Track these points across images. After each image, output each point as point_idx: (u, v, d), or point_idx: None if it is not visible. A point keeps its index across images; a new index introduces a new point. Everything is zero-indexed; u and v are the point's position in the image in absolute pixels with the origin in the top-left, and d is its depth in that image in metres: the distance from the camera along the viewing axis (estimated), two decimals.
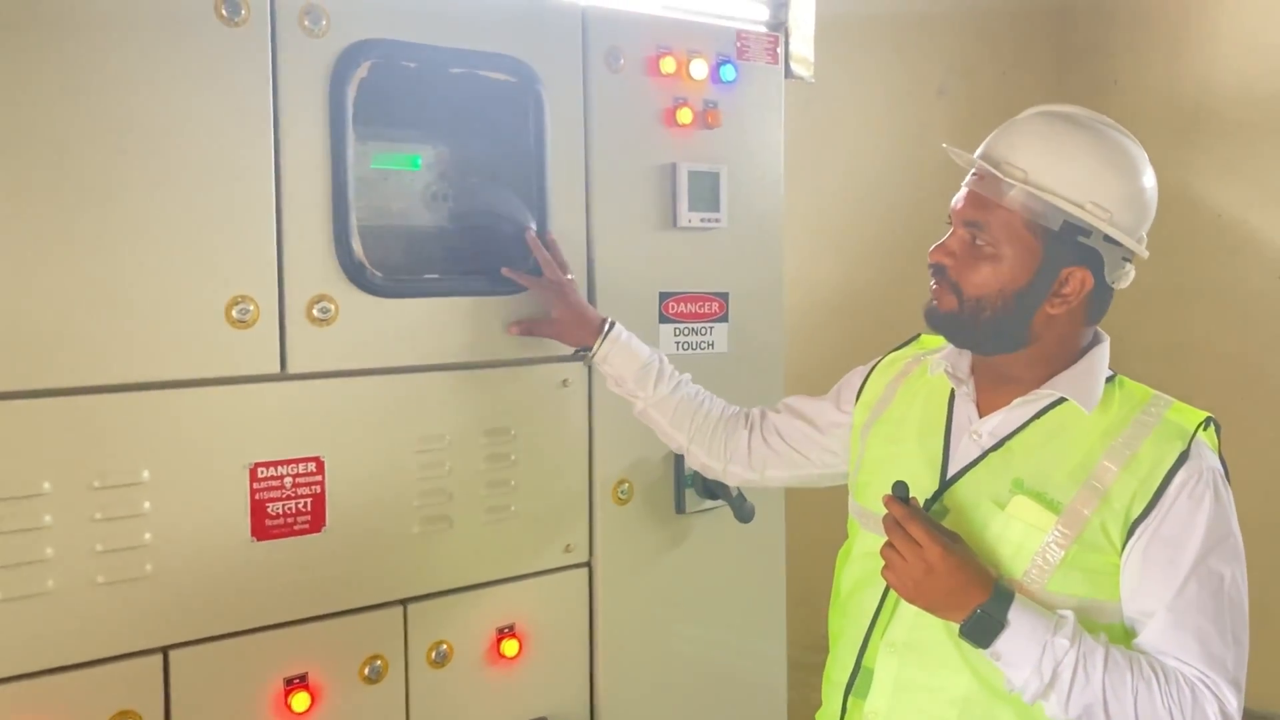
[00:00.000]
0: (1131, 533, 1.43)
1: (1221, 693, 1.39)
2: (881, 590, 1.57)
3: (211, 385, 1.78)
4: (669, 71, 2.21)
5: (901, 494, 1.50)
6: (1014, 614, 1.40)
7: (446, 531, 2.02)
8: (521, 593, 2.11)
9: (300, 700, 1.85)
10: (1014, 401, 1.55)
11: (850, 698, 1.60)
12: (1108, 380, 1.55)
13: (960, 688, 1.49)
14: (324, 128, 1.85)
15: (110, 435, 1.69)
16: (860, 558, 1.67)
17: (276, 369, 1.83)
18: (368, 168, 2.05)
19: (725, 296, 2.35)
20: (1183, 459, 1.44)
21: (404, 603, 1.98)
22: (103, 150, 1.66)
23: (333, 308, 1.87)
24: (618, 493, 2.22)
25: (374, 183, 2.07)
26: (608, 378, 2.00)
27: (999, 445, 1.54)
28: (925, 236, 3.90)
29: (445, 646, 2.01)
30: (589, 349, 1.99)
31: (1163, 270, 4.04)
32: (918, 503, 1.51)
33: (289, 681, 1.85)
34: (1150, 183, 1.54)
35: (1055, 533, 1.45)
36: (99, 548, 1.68)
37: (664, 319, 2.27)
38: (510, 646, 2.08)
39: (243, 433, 1.80)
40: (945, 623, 1.48)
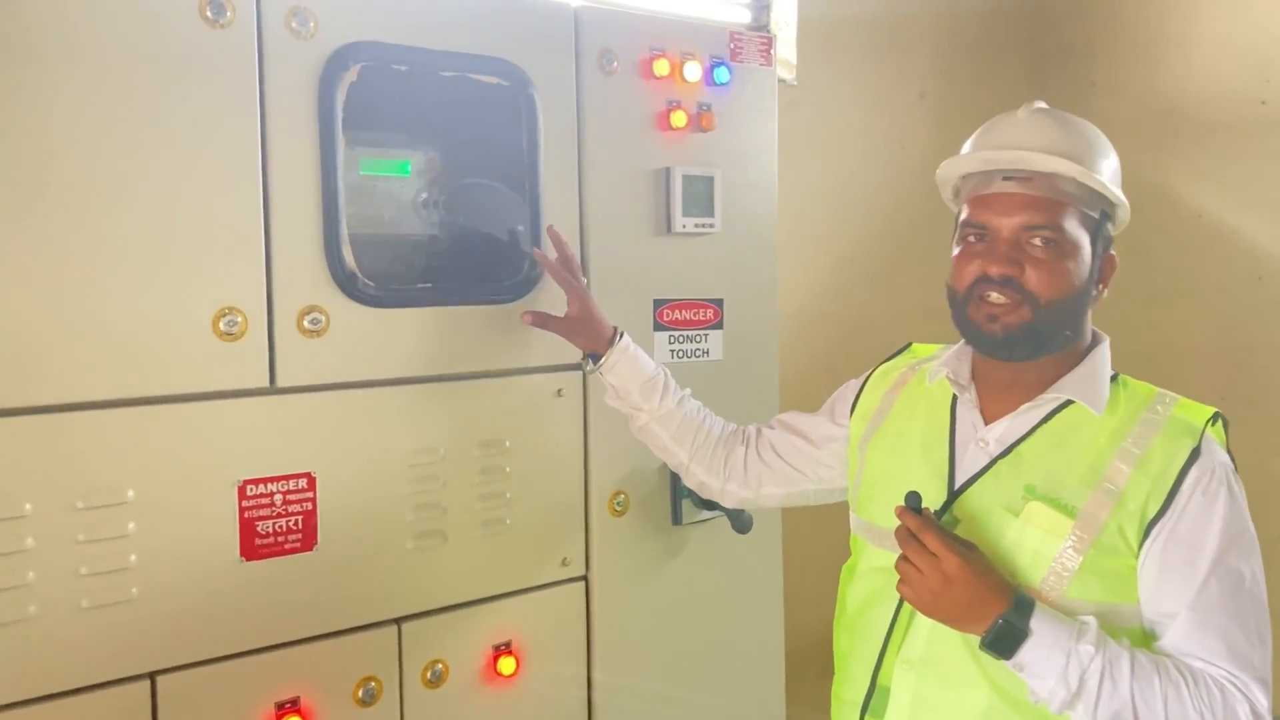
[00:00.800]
0: (1148, 534, 1.41)
1: (1251, 692, 1.36)
2: (894, 606, 1.54)
3: (198, 400, 1.71)
4: (662, 74, 2.17)
5: (914, 505, 1.46)
6: (1036, 622, 1.37)
7: (441, 547, 1.96)
8: (517, 608, 2.06)
9: None
10: (1021, 407, 1.53)
11: (866, 717, 1.56)
12: (1111, 380, 1.54)
13: (980, 702, 1.46)
14: (313, 133, 1.79)
15: (93, 454, 1.63)
16: (867, 574, 1.63)
17: (266, 382, 1.77)
18: (357, 174, 1.99)
19: (720, 303, 2.31)
20: (1194, 456, 1.42)
21: (398, 622, 1.92)
22: (83, 158, 1.60)
23: (324, 318, 1.81)
24: (614, 504, 2.17)
25: (364, 189, 2.02)
26: (610, 389, 1.93)
27: (1008, 452, 1.51)
28: (908, 239, 3.88)
29: (440, 666, 1.96)
30: (596, 356, 1.92)
31: (1141, 273, 4.09)
32: (931, 513, 1.47)
33: (280, 706, 1.79)
34: None
35: (1072, 538, 1.42)
36: (83, 571, 1.62)
37: (658, 326, 2.22)
38: (507, 664, 2.03)
39: (231, 449, 1.74)
40: (963, 636, 1.45)
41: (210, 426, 1.72)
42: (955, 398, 1.61)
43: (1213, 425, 1.46)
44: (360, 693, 1.86)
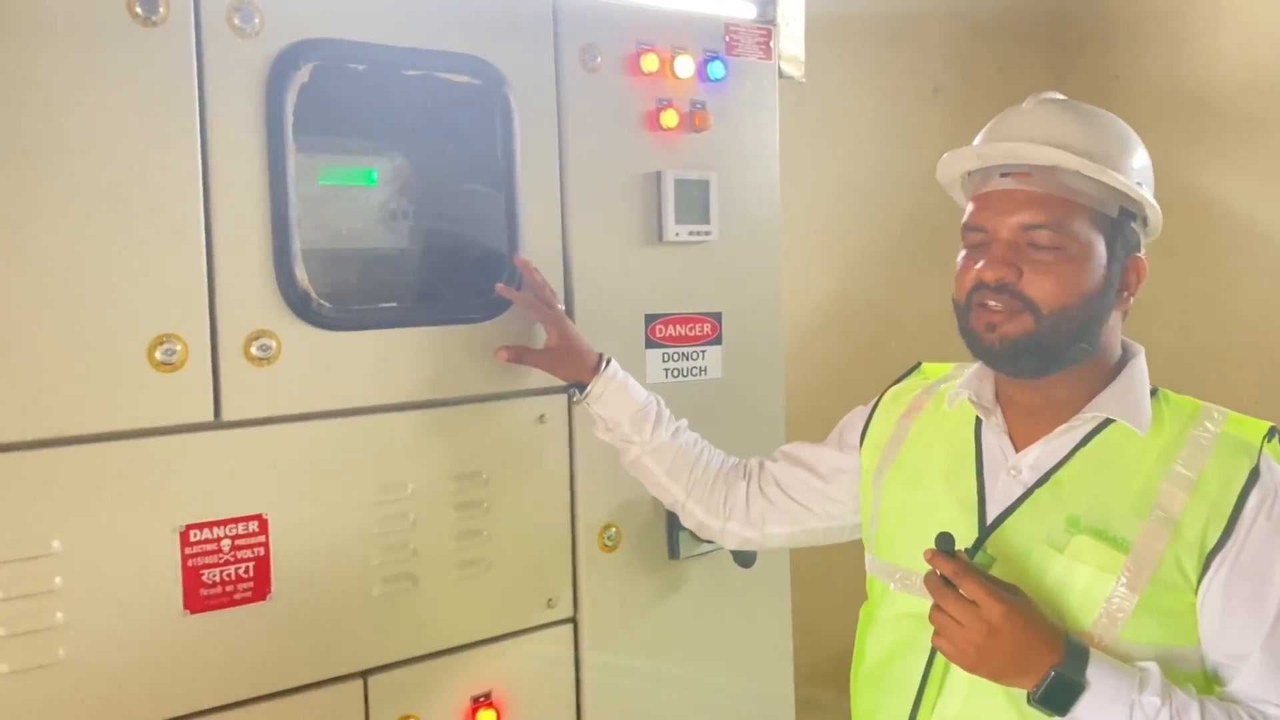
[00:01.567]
0: (1208, 566, 1.27)
1: None
2: (924, 659, 1.39)
3: (133, 438, 1.55)
4: (651, 70, 2.00)
5: (946, 547, 1.30)
6: (1093, 672, 1.23)
7: (411, 592, 1.79)
8: (499, 656, 1.89)
9: None
10: (1056, 429, 1.37)
11: None
12: (1151, 395, 1.39)
13: None
14: (260, 140, 1.62)
15: (13, 500, 1.46)
16: (891, 622, 1.48)
17: (210, 416, 1.60)
18: (315, 184, 1.82)
19: (718, 317, 2.13)
20: (1254, 477, 1.28)
21: (364, 675, 1.75)
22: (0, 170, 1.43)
23: (274, 344, 1.64)
24: (604, 539, 1.99)
25: (323, 201, 1.85)
26: (598, 420, 1.78)
27: (1045, 480, 1.37)
28: (926, 241, 3.69)
29: None
30: (582, 386, 1.77)
31: (1171, 273, 3.90)
32: (965, 556, 1.32)
33: None
34: None
35: (1125, 574, 1.27)
36: (1, 632, 1.45)
37: (651, 343, 2.05)
38: (487, 717, 1.85)
39: (172, 491, 1.57)
40: (1006, 691, 1.30)
41: (147, 467, 1.56)
42: (979, 422, 1.46)
43: (1269, 442, 1.32)
44: None
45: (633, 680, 2.02)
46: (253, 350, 1.63)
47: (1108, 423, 1.37)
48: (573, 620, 1.98)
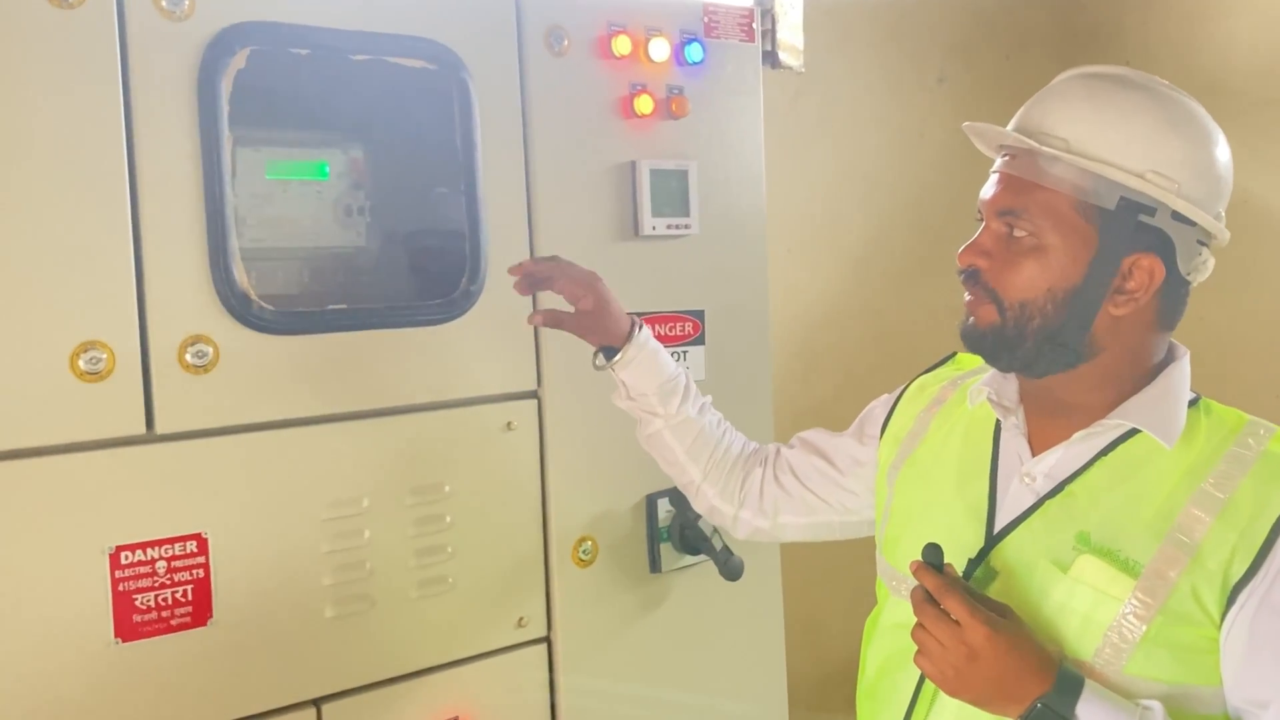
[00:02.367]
0: (1232, 599, 1.13)
1: None
2: (917, 675, 1.28)
3: (56, 454, 1.43)
4: (623, 53, 1.87)
5: (933, 559, 1.19)
6: (1084, 708, 1.11)
7: (368, 613, 1.67)
8: (465, 679, 1.77)
9: None
10: (1074, 435, 1.24)
11: None
12: (1190, 405, 1.25)
13: None
14: (192, 131, 1.51)
15: None
16: (890, 631, 1.37)
17: (141, 429, 1.49)
18: (262, 179, 1.71)
19: (700, 315, 2.01)
20: None
21: (317, 703, 1.63)
22: None
23: (211, 350, 1.53)
24: (579, 553, 1.87)
25: (272, 197, 1.73)
26: (621, 387, 1.63)
27: (1058, 490, 1.24)
28: (929, 234, 3.56)
29: None
30: (613, 350, 1.62)
31: None
32: (954, 570, 1.21)
33: None
34: (1224, 152, 1.26)
35: (1133, 601, 1.15)
36: None
37: None
38: None
39: (100, 510, 1.46)
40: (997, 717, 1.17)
41: (73, 484, 1.44)
42: (1000, 423, 1.34)
43: None
44: None
45: (611, 704, 1.90)
46: (187, 357, 1.51)
47: (1134, 432, 1.23)
48: (546, 640, 1.86)
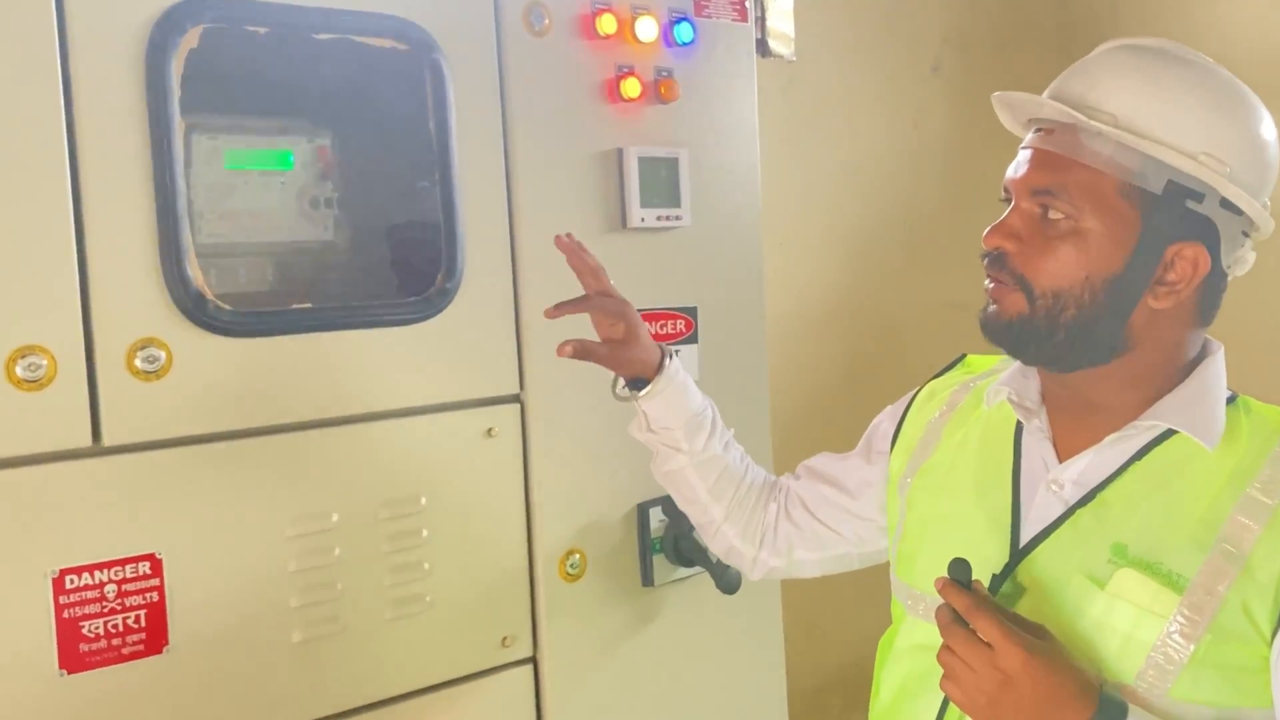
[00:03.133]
0: None
1: None
2: (940, 700, 1.19)
3: None
4: (608, 32, 1.75)
5: (961, 576, 1.10)
6: None
7: (339, 637, 1.56)
8: (446, 705, 1.65)
9: None
10: (1106, 438, 1.15)
11: None
12: (1227, 403, 1.16)
13: None
14: (140, 117, 1.39)
15: None
16: (907, 653, 1.28)
17: (87, 441, 1.37)
18: (221, 170, 1.59)
19: (693, 312, 1.89)
20: None
21: None
22: None
23: (163, 354, 1.41)
24: (566, 567, 1.76)
25: (232, 188, 1.61)
26: (642, 418, 1.50)
27: (1089, 498, 1.15)
28: (926, 226, 3.44)
29: None
30: (639, 382, 1.48)
31: None
32: (983, 587, 1.11)
33: None
34: (1271, 133, 1.15)
35: (1179, 619, 1.06)
36: None
37: None
38: None
39: (42, 530, 1.34)
40: None
41: (11, 502, 1.32)
42: (1020, 426, 1.24)
43: None
44: None
45: None
46: (137, 362, 1.39)
47: (1170, 434, 1.14)
48: (532, 660, 1.74)
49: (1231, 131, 1.11)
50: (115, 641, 1.39)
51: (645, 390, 1.47)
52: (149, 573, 1.41)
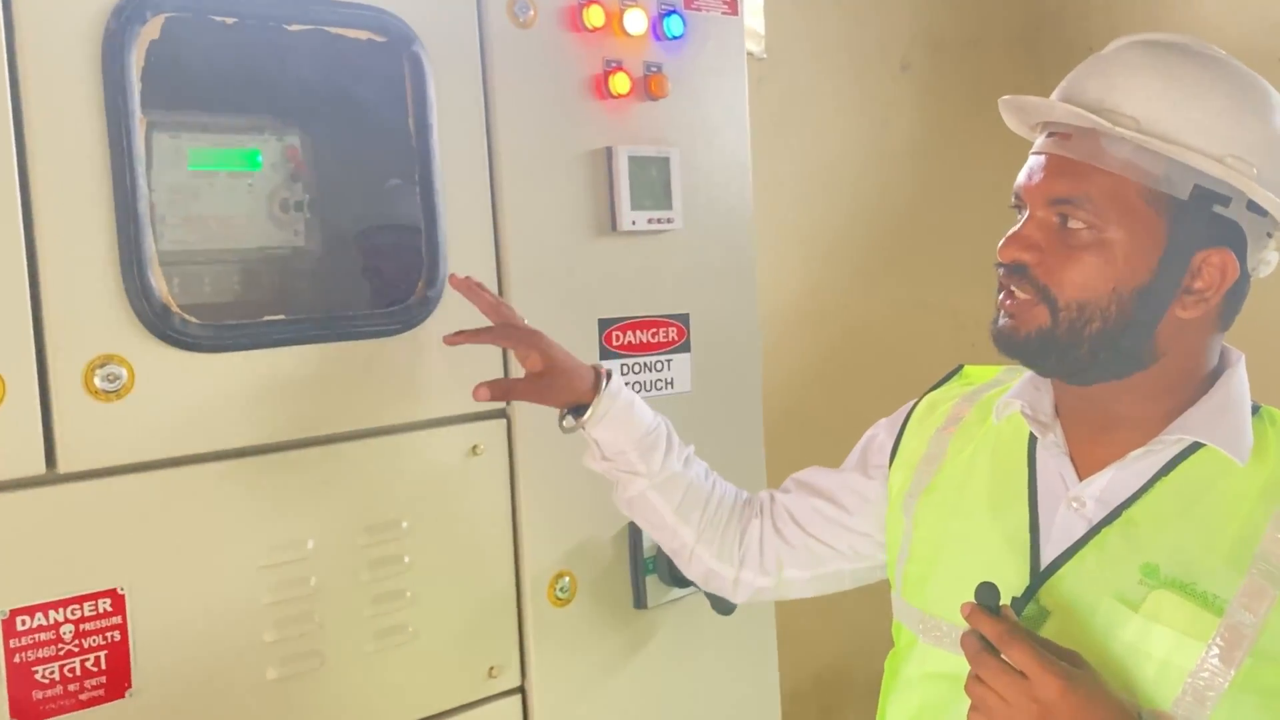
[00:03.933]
0: None
1: None
2: None
3: None
4: (596, 25, 1.66)
5: (989, 601, 1.04)
6: None
7: (318, 672, 1.45)
8: None
9: None
10: (1130, 454, 1.10)
11: None
12: (1252, 415, 1.12)
13: None
14: (96, 114, 1.27)
15: None
16: (919, 682, 1.22)
17: (41, 468, 1.25)
18: (184, 171, 1.47)
19: (685, 319, 1.80)
20: None
21: None
22: None
23: (125, 373, 1.29)
24: (555, 591, 1.66)
25: (196, 192, 1.50)
26: (594, 447, 1.43)
27: (1114, 516, 1.10)
28: (895, 228, 3.38)
29: None
30: (579, 409, 1.41)
31: None
32: (1012, 613, 1.05)
33: None
34: None
35: (1218, 642, 1.02)
36: None
37: (607, 353, 1.72)
38: None
39: None
40: None
41: None
42: (1034, 440, 1.19)
43: None
44: None
45: None
46: (96, 381, 1.27)
47: (1196, 448, 1.09)
48: (520, 691, 1.65)
49: (1257, 131, 1.07)
50: (73, 687, 1.27)
51: (587, 415, 1.40)
52: (110, 610, 1.29)
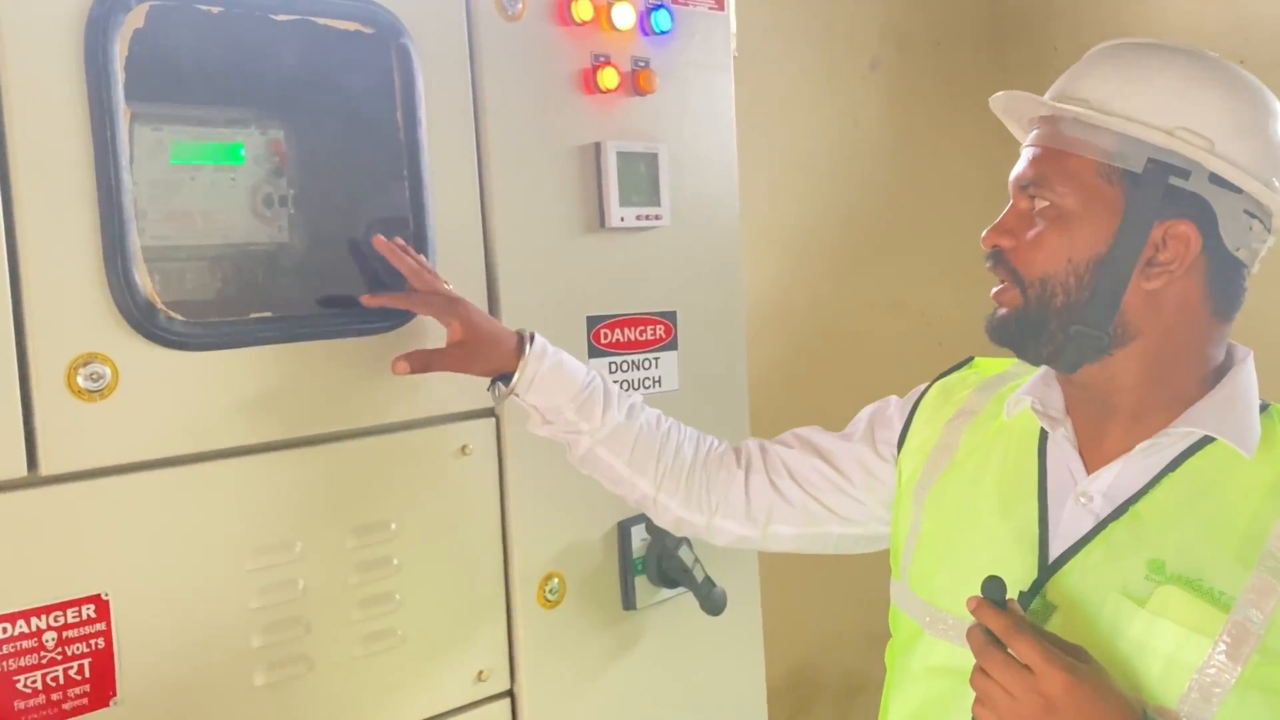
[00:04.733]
0: None
1: None
2: None
3: None
4: (584, 18, 1.64)
5: (996, 595, 1.05)
6: None
7: (306, 677, 1.42)
8: None
9: None
10: (1137, 447, 1.11)
11: None
12: (1260, 411, 1.12)
13: None
14: (79, 105, 1.23)
15: None
16: (923, 675, 1.21)
17: (22, 470, 1.21)
18: (165, 165, 1.43)
19: (672, 317, 1.79)
20: None
21: None
22: None
23: (109, 372, 1.25)
24: (545, 593, 1.64)
25: (177, 186, 1.46)
26: (535, 413, 1.41)
27: (1121, 511, 1.11)
28: (866, 226, 3.38)
29: None
30: (507, 377, 1.39)
31: None
32: (1018, 607, 1.07)
33: None
34: (1273, 118, 1.13)
35: (1225, 639, 1.02)
36: None
37: (595, 351, 1.70)
38: None
39: None
40: None
41: None
42: (1044, 436, 1.19)
43: None
44: None
45: None
46: (79, 380, 1.24)
47: (1204, 443, 1.10)
48: (510, 694, 1.62)
49: (1214, 104, 1.09)
50: (55, 696, 1.23)
51: (514, 379, 1.39)
52: (94, 616, 1.25)
